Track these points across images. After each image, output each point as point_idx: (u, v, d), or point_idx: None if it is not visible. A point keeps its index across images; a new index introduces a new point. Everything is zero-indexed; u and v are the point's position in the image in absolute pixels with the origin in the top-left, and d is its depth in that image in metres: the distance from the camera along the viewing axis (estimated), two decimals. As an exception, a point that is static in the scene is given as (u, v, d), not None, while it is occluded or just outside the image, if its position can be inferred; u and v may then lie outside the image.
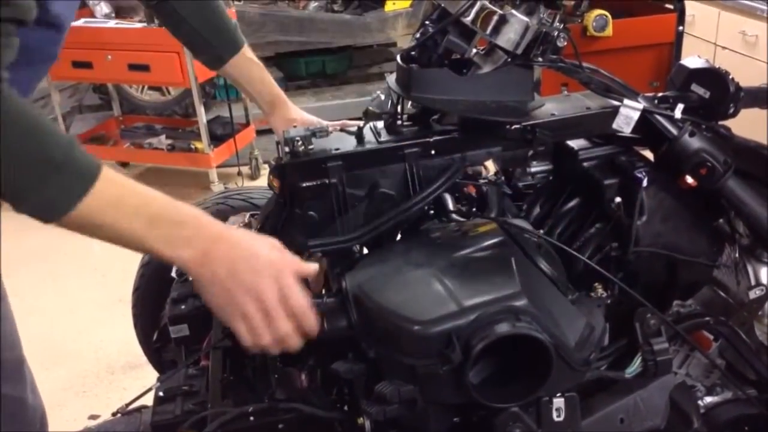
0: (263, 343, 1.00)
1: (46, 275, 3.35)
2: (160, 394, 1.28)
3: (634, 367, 1.16)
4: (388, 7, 5.16)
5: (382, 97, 1.64)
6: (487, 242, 1.12)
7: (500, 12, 1.19)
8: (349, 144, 1.26)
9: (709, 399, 1.38)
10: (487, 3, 1.19)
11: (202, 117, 3.95)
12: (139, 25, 3.80)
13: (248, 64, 1.53)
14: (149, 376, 1.84)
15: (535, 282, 1.08)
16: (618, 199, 1.27)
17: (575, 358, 1.01)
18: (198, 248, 0.96)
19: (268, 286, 0.97)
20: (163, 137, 4.22)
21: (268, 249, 1.00)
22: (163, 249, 0.96)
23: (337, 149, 1.24)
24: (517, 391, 1.01)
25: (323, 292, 1.46)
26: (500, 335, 0.96)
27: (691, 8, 3.51)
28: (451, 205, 1.28)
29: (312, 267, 1.05)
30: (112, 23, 3.86)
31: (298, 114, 1.55)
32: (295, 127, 1.28)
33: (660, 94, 1.37)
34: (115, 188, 0.93)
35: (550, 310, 1.03)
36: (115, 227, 0.93)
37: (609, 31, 3.21)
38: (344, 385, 1.18)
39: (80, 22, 3.97)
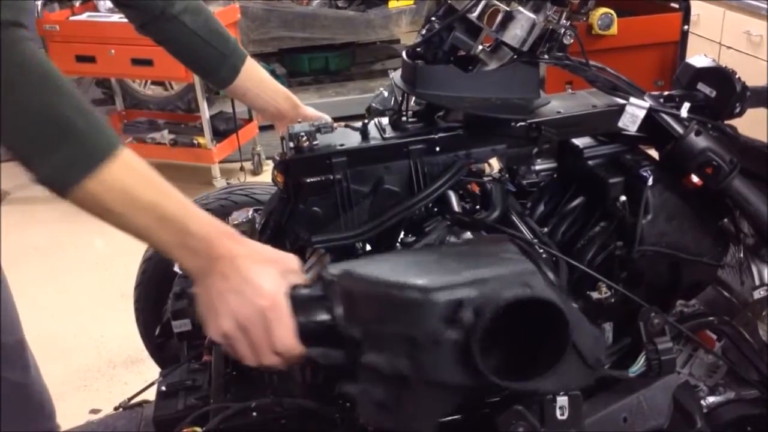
0: (247, 362, 0.98)
1: (48, 270, 3.35)
2: (163, 388, 1.28)
3: (638, 366, 1.15)
4: (392, 3, 5.16)
5: (386, 94, 1.63)
6: (494, 242, 1.10)
7: (506, 9, 1.19)
8: (353, 140, 1.25)
9: (711, 399, 1.38)
10: (493, 0, 1.19)
11: (205, 112, 3.95)
12: (142, 20, 3.79)
13: (258, 69, 1.50)
14: (150, 371, 1.84)
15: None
16: (623, 198, 1.27)
17: (588, 353, 0.97)
18: (201, 261, 0.94)
19: (254, 318, 0.93)
20: (165, 132, 4.21)
21: (271, 279, 0.95)
22: (168, 249, 0.94)
23: (342, 145, 1.23)
24: (528, 370, 0.93)
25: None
26: (518, 297, 0.88)
27: (696, 7, 3.51)
28: (455, 203, 1.28)
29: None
30: (115, 17, 3.85)
31: (312, 111, 1.53)
32: (299, 122, 1.27)
33: (666, 93, 1.37)
34: (130, 175, 0.90)
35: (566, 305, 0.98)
36: (124, 216, 0.91)
37: (614, 29, 3.20)
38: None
39: (84, 17, 3.97)
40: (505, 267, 0.95)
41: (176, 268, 1.54)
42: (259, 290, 0.93)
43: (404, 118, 1.30)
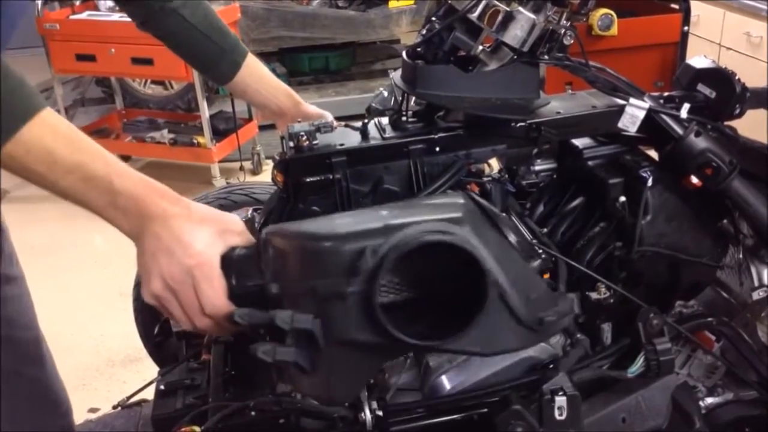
0: (182, 325, 0.96)
1: (47, 269, 3.35)
2: (161, 387, 1.28)
3: (637, 366, 1.16)
4: (392, 3, 5.16)
5: (385, 94, 1.63)
6: (441, 198, 1.03)
7: (507, 9, 1.19)
8: (353, 140, 1.25)
9: (710, 400, 1.38)
10: (493, 0, 1.19)
11: (205, 112, 3.95)
12: (142, 19, 3.80)
13: (259, 66, 1.48)
14: (149, 369, 1.84)
15: (489, 236, 0.93)
16: (622, 199, 1.27)
17: (523, 311, 0.89)
18: (133, 221, 0.92)
19: (183, 278, 0.91)
20: (165, 131, 4.22)
21: (204, 239, 0.92)
22: (99, 211, 0.92)
23: (342, 145, 1.23)
24: (440, 328, 0.85)
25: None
26: (423, 242, 0.81)
27: (696, 8, 3.51)
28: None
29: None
30: (115, 16, 3.86)
31: (314, 109, 1.51)
32: (299, 122, 1.27)
33: (666, 94, 1.37)
34: (53, 137, 0.88)
35: (501, 261, 0.89)
36: (49, 178, 0.89)
37: (614, 30, 3.21)
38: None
39: (84, 15, 3.97)
40: (430, 215, 0.87)
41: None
42: (189, 249, 0.91)
43: (404, 118, 1.30)
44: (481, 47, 1.24)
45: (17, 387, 1.33)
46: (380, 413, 1.07)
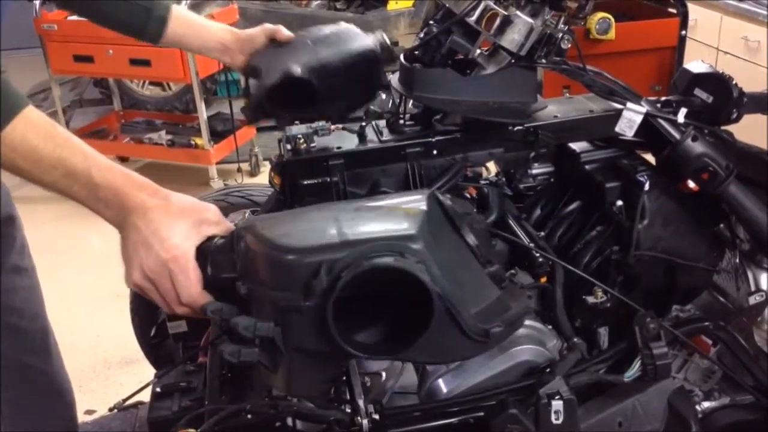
0: (164, 310, 1.01)
1: (43, 269, 3.32)
2: (158, 389, 1.28)
3: (633, 370, 1.16)
4: (390, 6, 5.16)
5: (383, 96, 1.63)
6: (408, 197, 1.04)
7: (505, 13, 1.19)
8: (350, 142, 1.26)
9: (706, 404, 1.38)
10: (491, 4, 1.19)
11: (203, 113, 3.94)
12: (140, 20, 3.79)
13: (189, 14, 1.44)
14: (146, 372, 1.84)
15: (447, 242, 0.97)
16: (619, 203, 1.27)
17: (470, 323, 0.91)
18: (115, 212, 0.96)
19: (160, 270, 0.95)
20: (163, 132, 4.21)
21: (180, 232, 0.96)
22: (83, 203, 0.95)
23: (339, 147, 1.23)
24: (387, 344, 0.90)
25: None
26: (373, 266, 0.85)
27: (694, 13, 3.51)
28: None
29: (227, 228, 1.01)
30: (114, 18, 3.85)
31: (255, 29, 1.44)
32: (296, 123, 1.27)
33: (663, 98, 1.37)
34: (35, 135, 0.91)
35: (455, 271, 0.92)
36: (34, 174, 0.92)
37: (612, 34, 3.21)
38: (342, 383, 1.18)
39: (82, 16, 3.96)
40: (386, 227, 0.91)
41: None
42: (166, 243, 0.95)
43: (401, 121, 1.30)
44: (478, 51, 1.24)
45: (24, 376, 1.35)
46: (377, 417, 1.07)
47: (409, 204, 0.98)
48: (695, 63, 1.40)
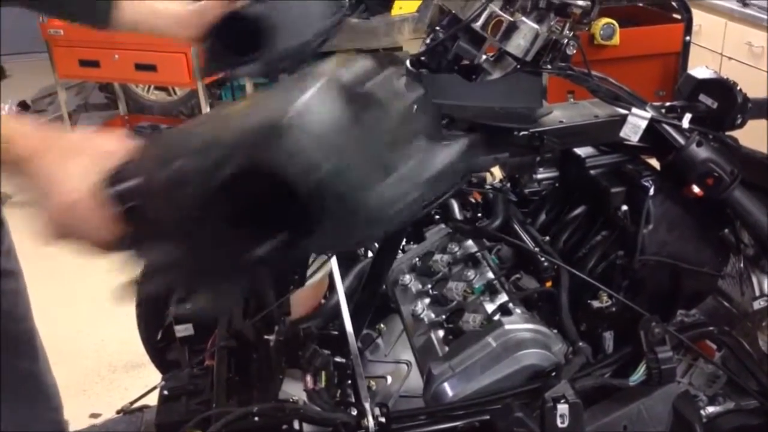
0: None
1: (48, 272, 3.34)
2: (165, 393, 1.28)
3: (638, 375, 1.16)
4: (395, 11, 5.16)
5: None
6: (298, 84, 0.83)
7: (510, 19, 1.19)
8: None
9: (711, 408, 1.38)
10: (497, 10, 1.20)
11: (208, 118, 3.95)
12: (146, 25, 3.82)
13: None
14: (151, 375, 1.84)
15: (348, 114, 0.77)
16: (624, 208, 1.28)
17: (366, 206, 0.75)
18: (8, 167, 0.91)
19: (65, 217, 0.91)
20: (168, 137, 4.22)
21: (77, 173, 0.90)
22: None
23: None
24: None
25: (326, 294, 1.47)
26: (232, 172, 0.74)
27: (698, 18, 3.51)
28: (456, 210, 1.28)
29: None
30: (119, 23, 3.87)
31: (199, 5, 1.36)
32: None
33: (668, 104, 1.37)
34: None
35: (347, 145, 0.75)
36: None
37: (616, 39, 3.21)
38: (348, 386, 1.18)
39: (88, 21, 3.97)
40: (256, 117, 0.78)
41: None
42: (63, 188, 0.89)
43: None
44: (484, 56, 1.24)
45: (11, 377, 1.35)
46: (383, 420, 1.07)
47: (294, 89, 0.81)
48: (700, 69, 1.41)
